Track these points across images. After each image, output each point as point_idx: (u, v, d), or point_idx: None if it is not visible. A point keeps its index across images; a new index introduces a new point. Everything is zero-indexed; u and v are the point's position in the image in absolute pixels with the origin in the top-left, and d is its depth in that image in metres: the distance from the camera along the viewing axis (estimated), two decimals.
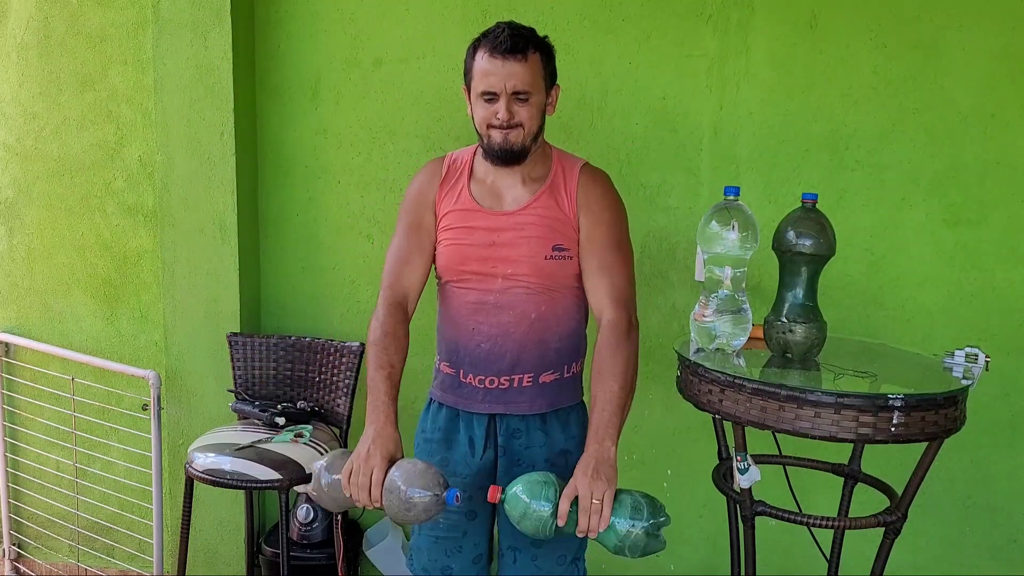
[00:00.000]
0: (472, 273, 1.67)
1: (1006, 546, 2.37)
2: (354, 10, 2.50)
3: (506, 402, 1.72)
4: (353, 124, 2.55)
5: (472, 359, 1.71)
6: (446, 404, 1.77)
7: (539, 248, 1.65)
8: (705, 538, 2.52)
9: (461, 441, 1.75)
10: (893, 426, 1.55)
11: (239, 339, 2.52)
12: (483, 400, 1.72)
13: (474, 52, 1.61)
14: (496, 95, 1.58)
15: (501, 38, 1.56)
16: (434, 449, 1.76)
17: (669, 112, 2.38)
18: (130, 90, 2.63)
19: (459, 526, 1.76)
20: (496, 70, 1.56)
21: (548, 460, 1.73)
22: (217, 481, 2.17)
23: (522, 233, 1.65)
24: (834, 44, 2.27)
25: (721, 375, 1.68)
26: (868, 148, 2.29)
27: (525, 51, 1.57)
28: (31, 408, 2.82)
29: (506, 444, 1.73)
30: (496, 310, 1.67)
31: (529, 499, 1.44)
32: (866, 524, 1.69)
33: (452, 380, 1.75)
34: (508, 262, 1.65)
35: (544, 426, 1.74)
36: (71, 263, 2.76)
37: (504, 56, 1.55)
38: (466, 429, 1.75)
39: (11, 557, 2.92)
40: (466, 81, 1.64)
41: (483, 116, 1.61)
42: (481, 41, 1.60)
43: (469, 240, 1.67)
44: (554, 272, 1.67)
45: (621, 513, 1.43)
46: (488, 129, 1.61)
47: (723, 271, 1.79)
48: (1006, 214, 2.24)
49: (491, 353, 1.69)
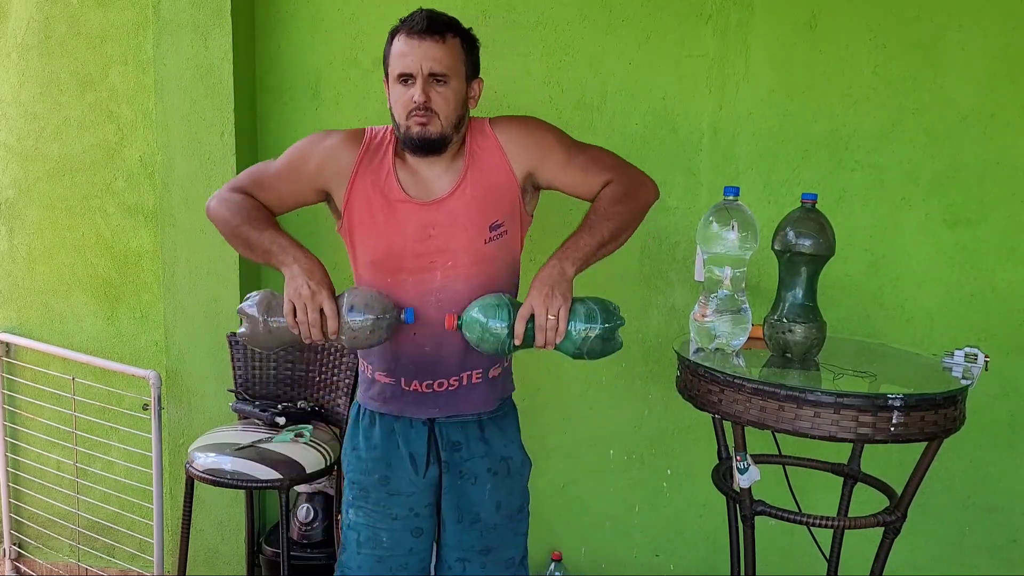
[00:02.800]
0: (408, 271, 1.57)
1: (1006, 546, 2.37)
2: (354, 10, 2.50)
3: (457, 402, 1.65)
4: (353, 124, 2.51)
5: (416, 365, 1.62)
6: (383, 414, 1.67)
7: (476, 234, 1.57)
8: (705, 538, 2.52)
9: (402, 457, 1.65)
10: (893, 426, 1.55)
11: (239, 339, 2.52)
12: (432, 405, 1.64)
13: (392, 38, 1.55)
14: (412, 76, 1.50)
15: (417, 19, 1.51)
16: (371, 468, 1.66)
17: (669, 112, 2.38)
18: (130, 90, 2.63)
19: (403, 543, 1.67)
20: (412, 50, 1.50)
21: (491, 469, 1.68)
22: (217, 481, 2.18)
23: (457, 221, 1.56)
24: (834, 44, 2.27)
25: (721, 375, 1.68)
26: (868, 148, 2.29)
27: (443, 33, 1.52)
28: (31, 408, 2.82)
29: (448, 458, 1.66)
30: (437, 309, 1.57)
31: (486, 319, 1.46)
32: (866, 524, 1.69)
33: (392, 389, 1.65)
34: (447, 254, 1.57)
35: (483, 434, 1.68)
36: (72, 263, 2.76)
37: (421, 36, 1.50)
38: (405, 445, 1.66)
39: (11, 557, 2.92)
40: (384, 69, 1.57)
41: (401, 102, 1.52)
42: (399, 26, 1.55)
43: (402, 235, 1.57)
44: (494, 255, 1.59)
45: (576, 320, 1.46)
46: (407, 119, 1.52)
47: (723, 271, 1.79)
48: (1006, 214, 2.25)
49: (437, 356, 1.61)
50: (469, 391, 1.65)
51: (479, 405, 1.67)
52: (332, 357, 2.49)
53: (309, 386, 2.54)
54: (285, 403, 2.44)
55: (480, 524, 1.68)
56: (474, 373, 1.64)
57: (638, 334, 2.47)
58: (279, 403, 2.43)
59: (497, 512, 1.69)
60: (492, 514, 1.68)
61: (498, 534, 1.70)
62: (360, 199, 1.59)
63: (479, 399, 1.67)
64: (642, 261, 2.44)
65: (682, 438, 2.49)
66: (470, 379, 1.64)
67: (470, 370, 1.64)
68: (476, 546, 1.69)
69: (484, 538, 1.69)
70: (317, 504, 2.52)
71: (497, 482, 1.68)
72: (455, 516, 1.68)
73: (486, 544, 1.69)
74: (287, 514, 2.21)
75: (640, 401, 2.50)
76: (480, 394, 1.67)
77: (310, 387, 2.54)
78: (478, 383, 1.65)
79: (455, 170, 1.59)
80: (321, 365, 2.51)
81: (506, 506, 1.71)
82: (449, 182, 1.58)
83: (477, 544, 1.69)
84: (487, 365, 1.66)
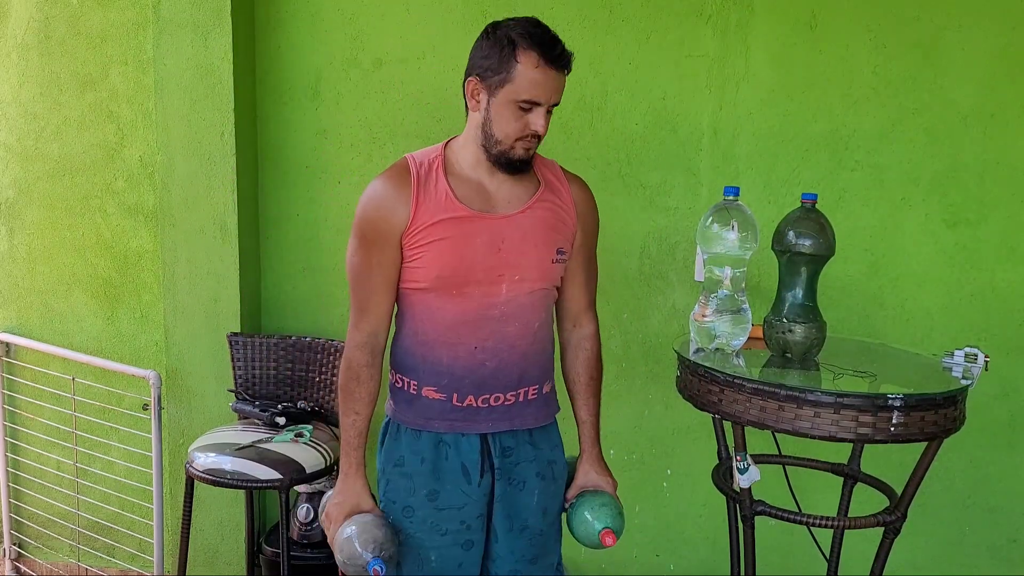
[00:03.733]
0: (476, 283, 1.53)
1: (1005, 546, 2.37)
2: (354, 10, 2.50)
3: (511, 418, 1.61)
4: (353, 124, 2.55)
5: (475, 380, 1.57)
6: (430, 431, 1.60)
7: (545, 252, 1.57)
8: (705, 538, 2.52)
9: (452, 469, 1.59)
10: (892, 426, 1.55)
11: (239, 339, 2.52)
12: (486, 419, 1.59)
13: (514, 51, 1.44)
14: (539, 106, 1.47)
15: (557, 50, 1.45)
16: (418, 484, 1.58)
17: (669, 112, 2.38)
18: (130, 90, 2.63)
19: (452, 559, 1.60)
20: (547, 81, 1.45)
21: (539, 474, 1.65)
22: (217, 481, 2.18)
23: (528, 236, 1.55)
24: (834, 44, 2.27)
25: (721, 375, 1.68)
26: (868, 148, 2.29)
27: (570, 65, 1.49)
28: (32, 408, 2.82)
29: (501, 464, 1.61)
30: (501, 323, 1.55)
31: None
32: (866, 524, 1.69)
33: (442, 405, 1.58)
34: (516, 268, 1.54)
35: (532, 439, 1.65)
36: (72, 263, 2.76)
37: (557, 68, 1.46)
38: (456, 455, 1.59)
39: (11, 557, 2.92)
40: (493, 79, 1.47)
41: (516, 126, 1.48)
42: (526, 42, 1.44)
43: (472, 248, 1.52)
44: (555, 276, 1.61)
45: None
46: (515, 141, 1.49)
47: (723, 271, 1.79)
48: (1006, 214, 2.25)
49: (498, 371, 1.57)
50: (525, 407, 1.62)
51: (531, 421, 1.64)
52: (332, 357, 2.49)
53: (309, 386, 2.54)
54: (285, 403, 2.44)
55: (528, 531, 1.65)
56: (531, 389, 1.62)
57: (638, 334, 2.47)
58: (279, 403, 2.44)
59: (543, 518, 1.66)
60: (539, 520, 1.65)
61: (543, 540, 1.67)
62: (422, 227, 1.52)
63: (532, 415, 1.64)
64: (642, 261, 2.44)
65: (682, 438, 2.49)
66: (527, 395, 1.62)
67: (527, 386, 1.61)
68: (527, 555, 1.65)
69: (533, 546, 1.66)
70: (317, 504, 2.52)
71: (544, 487, 1.65)
72: (507, 525, 1.63)
73: (535, 552, 1.66)
74: (287, 514, 2.21)
75: (640, 401, 2.50)
76: (534, 410, 1.64)
77: (310, 387, 2.54)
78: (534, 399, 1.63)
79: (527, 187, 1.58)
80: (321, 365, 2.52)
81: (550, 511, 1.68)
82: (520, 196, 1.57)
83: (528, 553, 1.65)
84: (543, 380, 1.66)
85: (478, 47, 1.51)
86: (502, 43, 1.46)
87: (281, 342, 2.54)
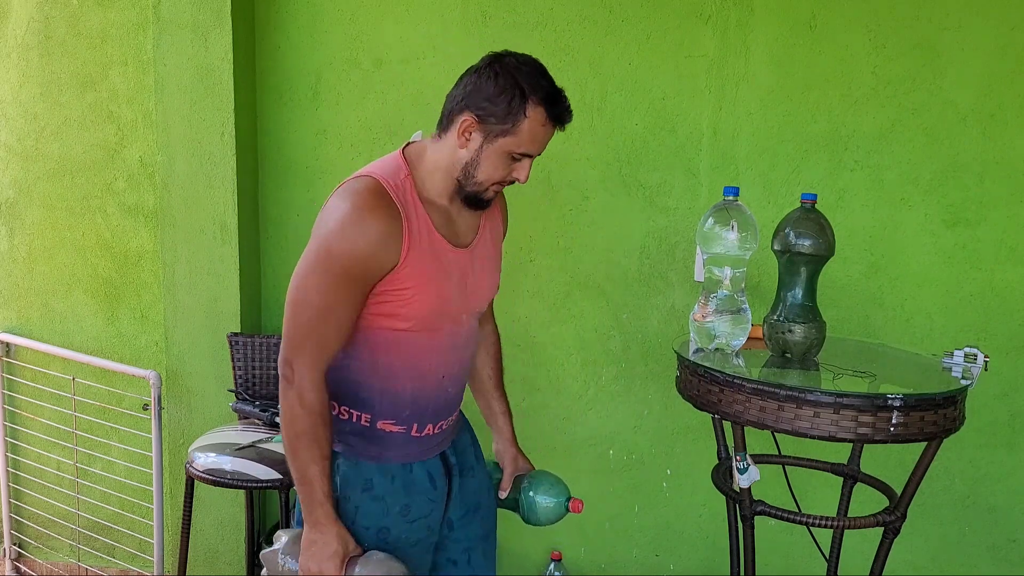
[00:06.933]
0: (448, 317, 1.49)
1: (1005, 546, 2.37)
2: (354, 10, 2.50)
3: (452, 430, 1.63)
4: (353, 124, 2.55)
5: (436, 408, 1.53)
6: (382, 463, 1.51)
7: (495, 275, 1.60)
8: (705, 538, 2.52)
9: (420, 479, 1.54)
10: (892, 426, 1.55)
11: (239, 339, 2.52)
12: (439, 443, 1.58)
13: (524, 104, 1.38)
14: (530, 157, 1.45)
15: (564, 105, 1.43)
16: (391, 503, 1.50)
17: (668, 112, 2.38)
18: (131, 91, 2.64)
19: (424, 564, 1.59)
20: (547, 136, 1.43)
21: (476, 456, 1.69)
22: (218, 481, 2.18)
23: (485, 266, 1.55)
24: (833, 44, 2.27)
25: (721, 375, 1.68)
26: (867, 148, 2.29)
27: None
28: (32, 408, 2.82)
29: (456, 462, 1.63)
30: (463, 350, 1.55)
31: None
32: (865, 524, 1.70)
33: (400, 437, 1.51)
34: (476, 297, 1.54)
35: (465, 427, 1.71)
36: (72, 263, 2.76)
37: (561, 128, 1.45)
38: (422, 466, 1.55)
39: (11, 557, 2.92)
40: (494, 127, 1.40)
41: (500, 172, 1.44)
42: (537, 96, 1.39)
43: (449, 284, 1.47)
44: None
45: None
46: (491, 184, 1.45)
47: (722, 271, 1.79)
48: (1005, 214, 2.25)
49: (457, 395, 1.58)
50: (460, 416, 1.67)
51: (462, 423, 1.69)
52: None
53: None
54: None
55: (481, 510, 1.68)
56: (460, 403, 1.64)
57: (638, 334, 2.47)
58: (279, 403, 2.43)
59: (488, 494, 1.71)
60: (487, 497, 1.70)
61: (491, 514, 1.72)
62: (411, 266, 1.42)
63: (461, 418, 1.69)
64: (642, 261, 2.45)
65: (682, 438, 2.49)
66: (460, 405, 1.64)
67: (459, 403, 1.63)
68: (479, 533, 1.68)
69: (484, 524, 1.70)
70: None
71: (480, 465, 1.70)
72: (461, 512, 1.65)
73: (485, 530, 1.70)
74: (287, 514, 2.21)
75: (640, 401, 2.50)
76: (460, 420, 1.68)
77: None
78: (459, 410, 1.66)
79: (474, 214, 1.54)
80: None
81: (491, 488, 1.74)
82: (473, 227, 1.54)
83: (480, 531, 1.68)
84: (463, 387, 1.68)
85: (482, 86, 1.40)
86: (511, 92, 1.38)
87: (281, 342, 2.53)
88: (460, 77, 1.46)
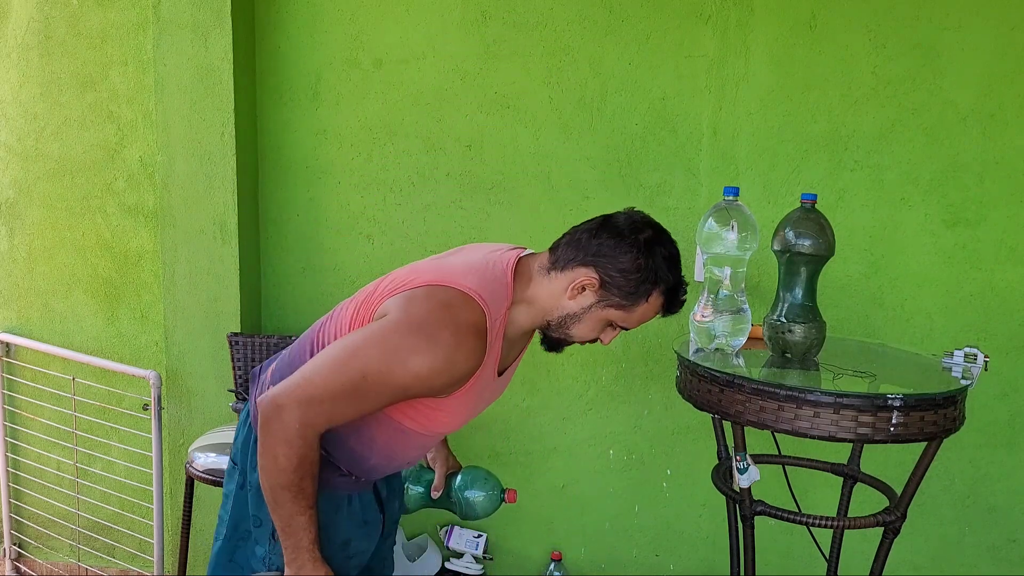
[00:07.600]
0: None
1: (1005, 546, 2.37)
2: (354, 10, 2.50)
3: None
4: (353, 124, 2.55)
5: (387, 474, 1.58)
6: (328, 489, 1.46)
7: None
8: (705, 538, 2.52)
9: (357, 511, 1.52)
10: (892, 426, 1.55)
11: (239, 339, 2.52)
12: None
13: (652, 288, 1.39)
14: (624, 330, 1.45)
15: (680, 305, 1.44)
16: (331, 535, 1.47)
17: (668, 112, 2.38)
18: (131, 91, 2.64)
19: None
20: (651, 319, 1.44)
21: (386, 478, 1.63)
22: (218, 481, 2.17)
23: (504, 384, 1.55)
24: (833, 44, 2.27)
25: (721, 375, 1.68)
26: (867, 148, 2.29)
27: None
28: (32, 408, 2.82)
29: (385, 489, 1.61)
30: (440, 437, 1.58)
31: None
32: (865, 524, 1.70)
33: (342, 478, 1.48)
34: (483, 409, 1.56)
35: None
36: (72, 263, 2.76)
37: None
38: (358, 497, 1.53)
39: (11, 557, 2.92)
40: (614, 299, 1.38)
41: (592, 335, 1.44)
42: (665, 286, 1.40)
43: (477, 408, 1.48)
44: None
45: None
46: (581, 340, 1.45)
47: (723, 271, 1.79)
48: (1005, 214, 2.25)
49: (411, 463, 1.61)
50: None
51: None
52: None
53: None
54: None
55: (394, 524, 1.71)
56: None
57: (638, 334, 2.47)
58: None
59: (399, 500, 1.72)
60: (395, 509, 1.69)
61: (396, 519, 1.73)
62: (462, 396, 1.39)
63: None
64: None
65: (682, 438, 2.49)
66: None
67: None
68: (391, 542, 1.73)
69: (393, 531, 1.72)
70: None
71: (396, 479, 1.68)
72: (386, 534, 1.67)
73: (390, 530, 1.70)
74: None
75: (640, 401, 2.50)
76: None
77: None
78: None
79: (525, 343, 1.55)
80: None
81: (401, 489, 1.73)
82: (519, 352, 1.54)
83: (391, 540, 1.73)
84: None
85: (620, 257, 1.38)
86: (646, 276, 1.38)
87: (281, 342, 2.53)
88: (600, 224, 1.41)
